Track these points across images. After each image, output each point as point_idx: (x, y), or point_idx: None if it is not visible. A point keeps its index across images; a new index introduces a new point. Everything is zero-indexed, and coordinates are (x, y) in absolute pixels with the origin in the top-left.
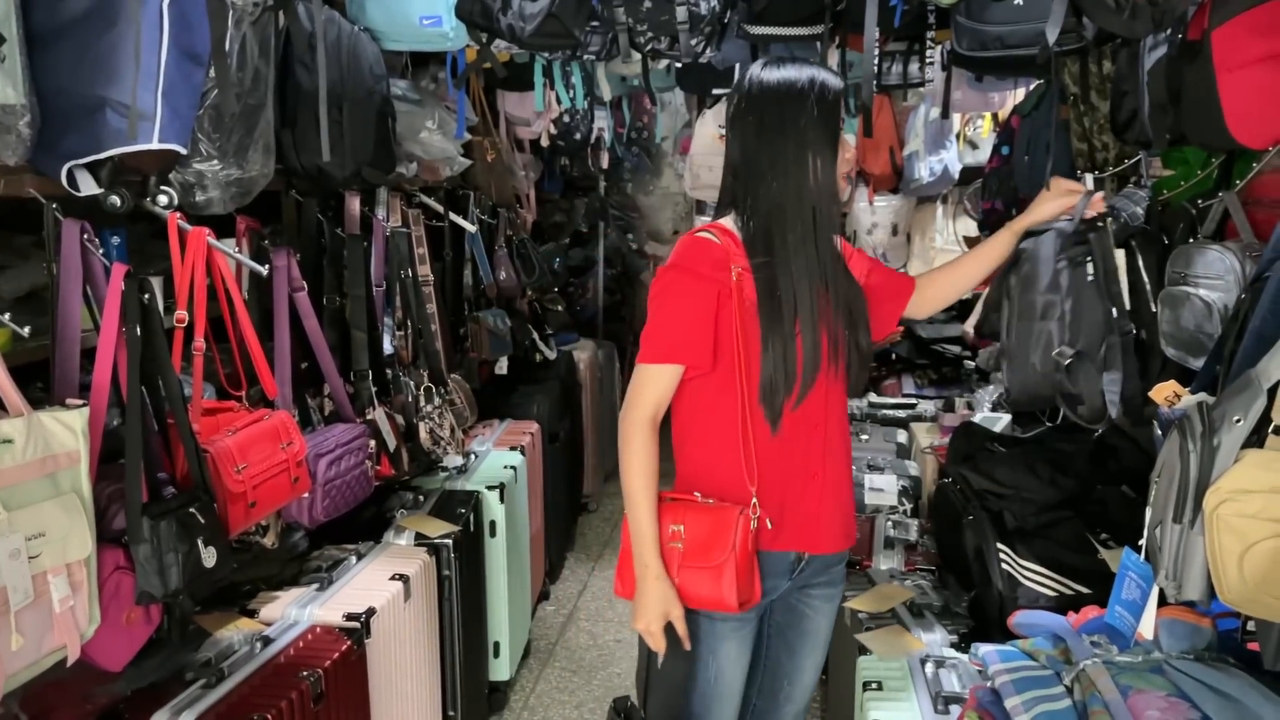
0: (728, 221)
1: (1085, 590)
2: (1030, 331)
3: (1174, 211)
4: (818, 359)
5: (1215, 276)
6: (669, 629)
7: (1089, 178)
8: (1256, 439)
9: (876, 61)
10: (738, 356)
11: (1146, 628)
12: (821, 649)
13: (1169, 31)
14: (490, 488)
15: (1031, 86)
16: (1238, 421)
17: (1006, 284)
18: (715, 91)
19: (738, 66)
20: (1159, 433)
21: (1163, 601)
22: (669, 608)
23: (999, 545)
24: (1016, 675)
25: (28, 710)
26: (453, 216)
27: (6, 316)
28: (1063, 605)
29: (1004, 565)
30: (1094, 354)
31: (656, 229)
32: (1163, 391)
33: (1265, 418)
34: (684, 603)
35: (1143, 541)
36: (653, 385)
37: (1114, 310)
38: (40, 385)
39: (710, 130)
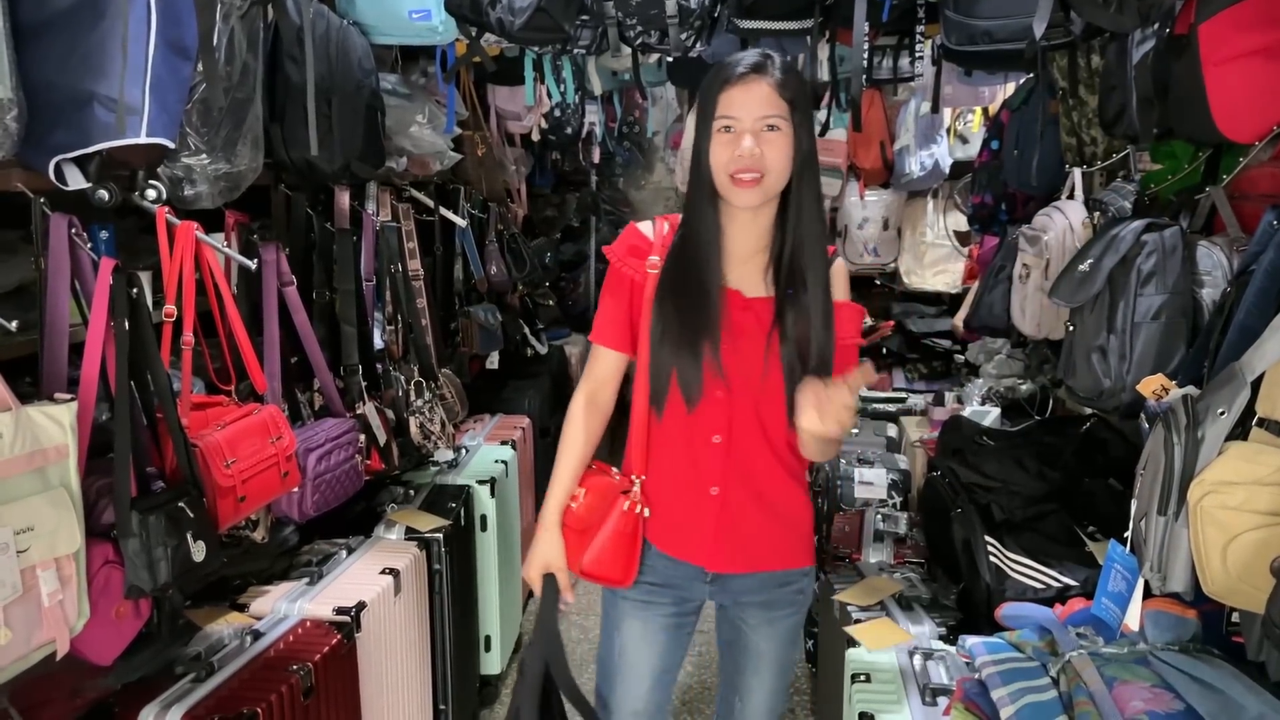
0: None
1: (1072, 582)
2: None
3: (1162, 205)
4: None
5: (1202, 271)
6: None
7: (1077, 173)
8: (1240, 431)
9: (866, 56)
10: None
11: (1132, 619)
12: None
13: (1156, 26)
14: (481, 482)
15: (1021, 81)
16: (1222, 414)
17: (1114, 278)
18: None
19: None
20: (1146, 425)
21: (1149, 593)
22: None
23: (987, 538)
24: (1003, 667)
25: (17, 704)
26: (443, 211)
27: None
28: (1050, 597)
29: (992, 558)
30: None
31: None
32: (1150, 385)
33: (1249, 410)
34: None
35: (1128, 534)
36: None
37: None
38: (28, 380)
39: None
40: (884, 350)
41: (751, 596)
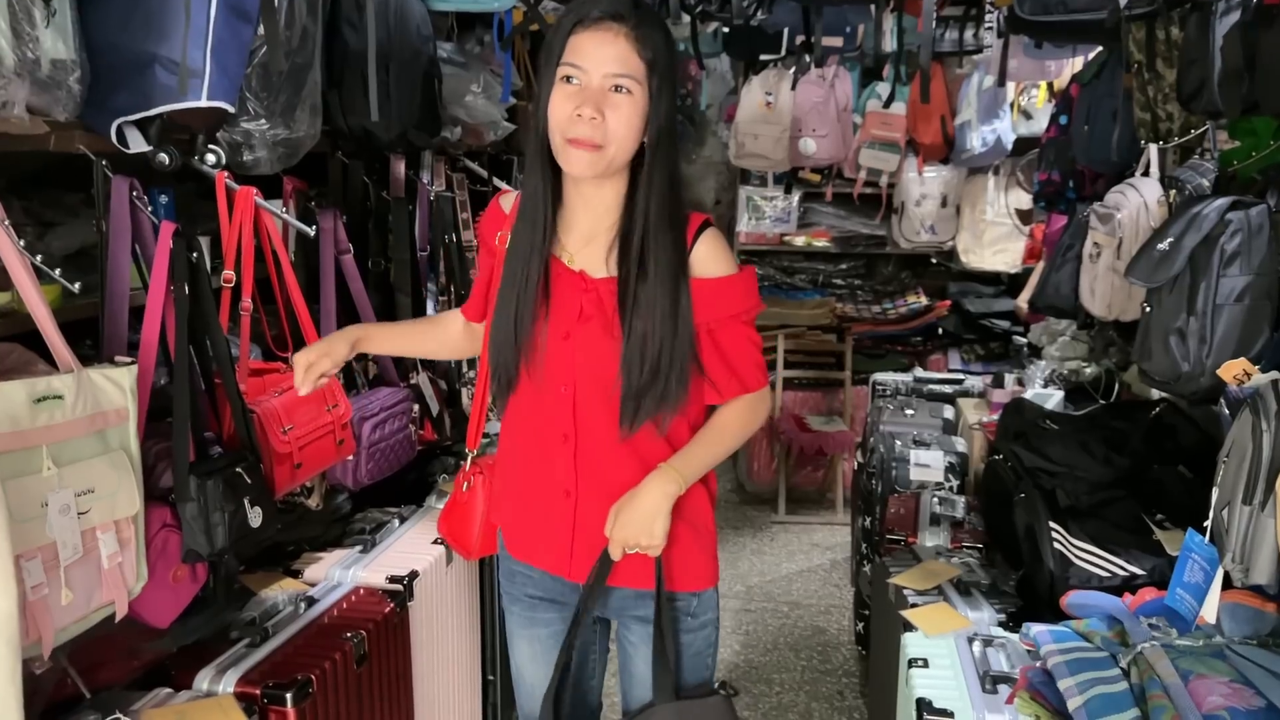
0: None
1: (1139, 571)
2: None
3: (1242, 183)
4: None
5: None
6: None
7: (1152, 149)
8: None
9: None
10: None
11: (1209, 612)
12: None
13: None
14: None
15: (1091, 55)
16: None
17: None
18: (763, 58)
19: (785, 31)
20: (1225, 411)
21: (1228, 585)
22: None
23: (1051, 524)
24: (1070, 656)
25: (76, 664)
26: (496, 181)
27: (57, 272)
28: (1116, 586)
29: (1056, 544)
30: None
31: (698, 198)
32: (1232, 369)
33: None
34: None
35: (1207, 523)
36: None
37: None
38: (89, 342)
39: (756, 98)
40: (940, 330)
41: (630, 611)
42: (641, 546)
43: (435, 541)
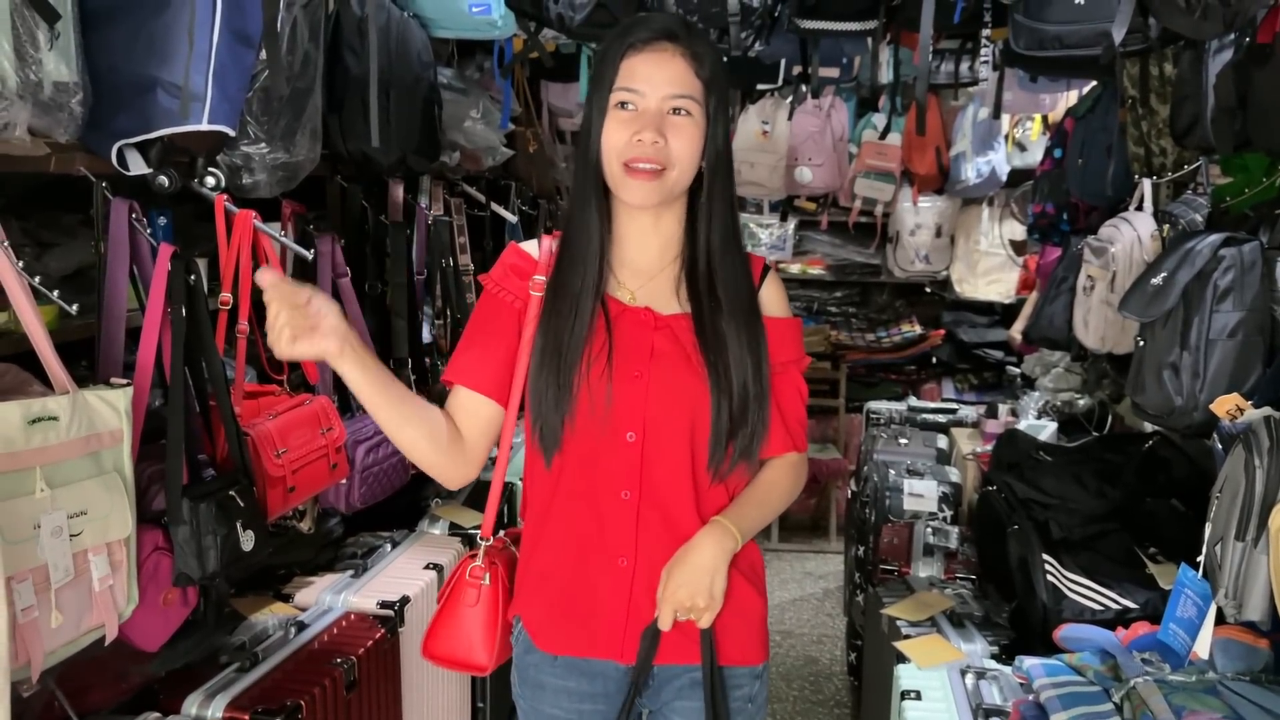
0: None
1: (1131, 605)
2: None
3: (1234, 219)
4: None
5: None
6: None
7: (1146, 184)
8: None
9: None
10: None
11: (1202, 647)
12: None
13: (1235, 35)
14: None
15: (1085, 89)
16: None
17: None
18: (759, 87)
19: (783, 62)
20: (1218, 446)
21: (1220, 620)
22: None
23: (1044, 556)
24: (1063, 690)
25: (64, 687)
26: (494, 206)
27: (55, 293)
28: (1108, 619)
29: (1049, 577)
30: None
31: None
32: (1225, 404)
33: None
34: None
35: (1200, 558)
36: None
37: None
38: (85, 363)
39: (753, 126)
40: (934, 359)
41: (683, 700)
42: (698, 610)
43: (427, 566)
